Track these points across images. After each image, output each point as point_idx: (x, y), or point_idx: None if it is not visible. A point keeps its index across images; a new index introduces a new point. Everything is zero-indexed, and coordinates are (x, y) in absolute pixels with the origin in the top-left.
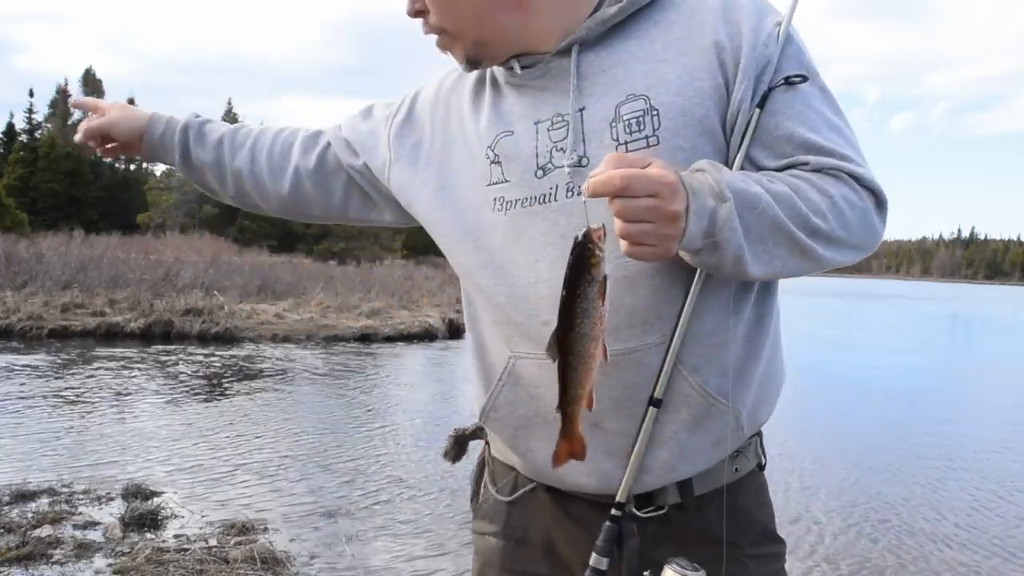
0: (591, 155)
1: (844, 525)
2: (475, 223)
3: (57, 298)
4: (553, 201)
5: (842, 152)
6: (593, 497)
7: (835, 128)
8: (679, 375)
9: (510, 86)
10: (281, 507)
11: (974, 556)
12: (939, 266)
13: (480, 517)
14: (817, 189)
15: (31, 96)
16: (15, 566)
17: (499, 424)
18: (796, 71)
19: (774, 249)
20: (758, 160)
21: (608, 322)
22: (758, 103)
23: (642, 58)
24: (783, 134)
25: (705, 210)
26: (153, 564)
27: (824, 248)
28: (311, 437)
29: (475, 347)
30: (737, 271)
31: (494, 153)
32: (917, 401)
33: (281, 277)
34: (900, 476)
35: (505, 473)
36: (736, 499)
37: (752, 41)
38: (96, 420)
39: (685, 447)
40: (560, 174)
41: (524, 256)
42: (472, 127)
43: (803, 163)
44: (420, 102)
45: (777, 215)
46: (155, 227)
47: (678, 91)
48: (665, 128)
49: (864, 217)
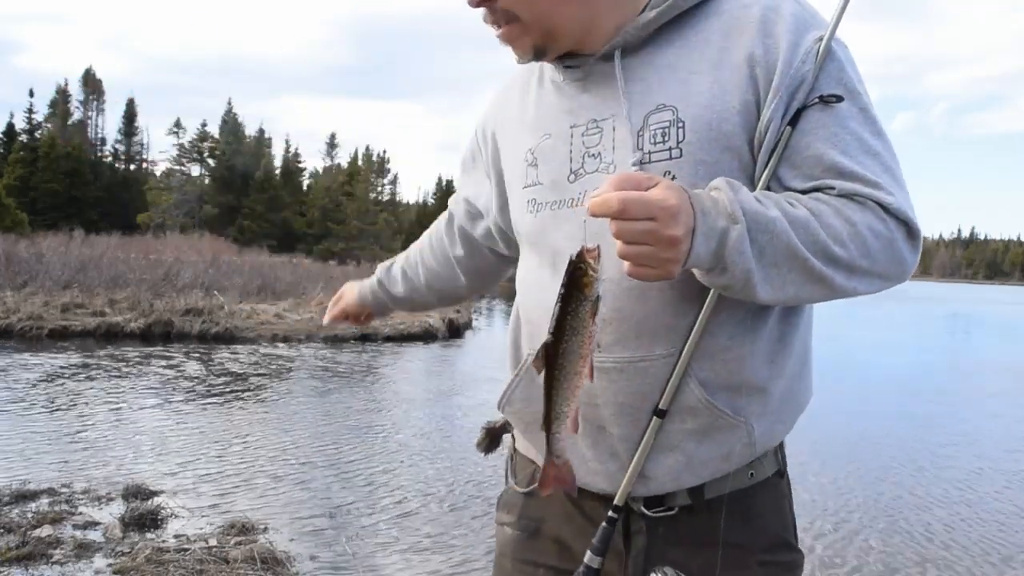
0: (618, 163)
1: (861, 526)
2: (518, 223)
3: (57, 298)
4: (580, 205)
5: (873, 179)
6: (604, 493)
7: (870, 152)
8: (687, 388)
9: (554, 85)
10: (281, 507)
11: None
12: (939, 266)
13: (501, 507)
14: (839, 215)
15: (31, 96)
16: (15, 566)
17: (514, 417)
18: (835, 90)
19: (788, 275)
20: (785, 180)
21: (616, 328)
22: (789, 120)
23: (678, 68)
24: (813, 155)
25: (715, 232)
26: (153, 564)
27: (844, 277)
28: (311, 437)
29: (512, 341)
30: (747, 294)
31: (533, 156)
32: (932, 399)
33: (281, 277)
34: (926, 474)
35: (525, 466)
36: (751, 504)
37: (789, 58)
38: (96, 420)
39: (692, 456)
40: (590, 179)
41: (546, 256)
42: (516, 128)
43: (829, 187)
44: (488, 124)
45: (792, 240)
46: (155, 227)
47: (707, 104)
48: (689, 141)
49: (890, 247)
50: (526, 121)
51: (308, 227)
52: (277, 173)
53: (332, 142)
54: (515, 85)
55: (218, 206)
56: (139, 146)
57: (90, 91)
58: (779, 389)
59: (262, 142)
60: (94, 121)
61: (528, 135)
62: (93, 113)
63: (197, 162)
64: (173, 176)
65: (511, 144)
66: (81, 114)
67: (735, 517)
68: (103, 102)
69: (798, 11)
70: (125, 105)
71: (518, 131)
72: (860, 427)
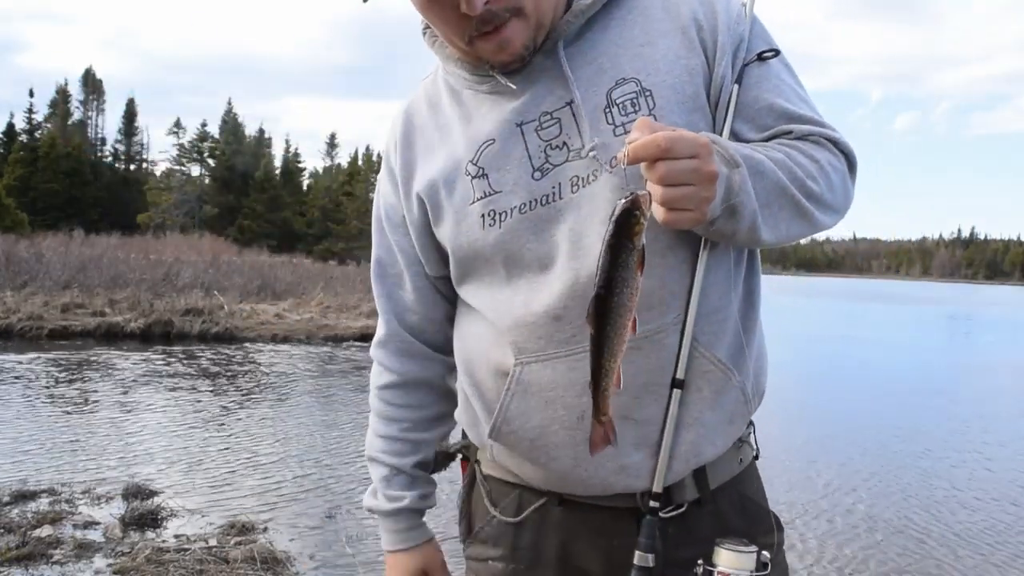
0: (589, 145)
1: (869, 527)
2: (472, 243)
3: (57, 298)
4: (558, 199)
5: (818, 119)
6: (610, 502)
7: (804, 98)
8: (696, 352)
9: (478, 95)
10: (281, 507)
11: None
12: (939, 266)
13: (481, 541)
14: (805, 155)
15: (31, 96)
16: (15, 566)
17: (514, 438)
18: (764, 47)
19: (779, 213)
20: (742, 133)
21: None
22: (735, 79)
23: (624, 45)
24: (763, 106)
25: (722, 177)
26: (153, 564)
27: (820, 211)
28: (311, 437)
29: (461, 368)
30: (751, 237)
31: (477, 167)
32: (939, 399)
33: (281, 277)
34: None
35: (506, 492)
36: (743, 490)
37: (726, 20)
38: (96, 420)
39: (708, 427)
40: (561, 171)
41: (535, 257)
42: (440, 152)
43: (787, 132)
44: (400, 170)
45: (780, 179)
46: (155, 227)
47: (667, 71)
48: (660, 107)
49: (844, 180)
50: (452, 140)
51: (308, 227)
52: (277, 173)
53: (332, 142)
54: (418, 114)
55: (218, 206)
56: (139, 146)
57: (90, 91)
58: (754, 343)
59: (262, 142)
60: (94, 121)
61: (461, 150)
62: (93, 113)
63: (197, 162)
64: (173, 176)
65: (434, 170)
66: (81, 114)
67: (734, 505)
68: (103, 102)
69: None
70: (125, 105)
71: (442, 153)
72: (861, 428)
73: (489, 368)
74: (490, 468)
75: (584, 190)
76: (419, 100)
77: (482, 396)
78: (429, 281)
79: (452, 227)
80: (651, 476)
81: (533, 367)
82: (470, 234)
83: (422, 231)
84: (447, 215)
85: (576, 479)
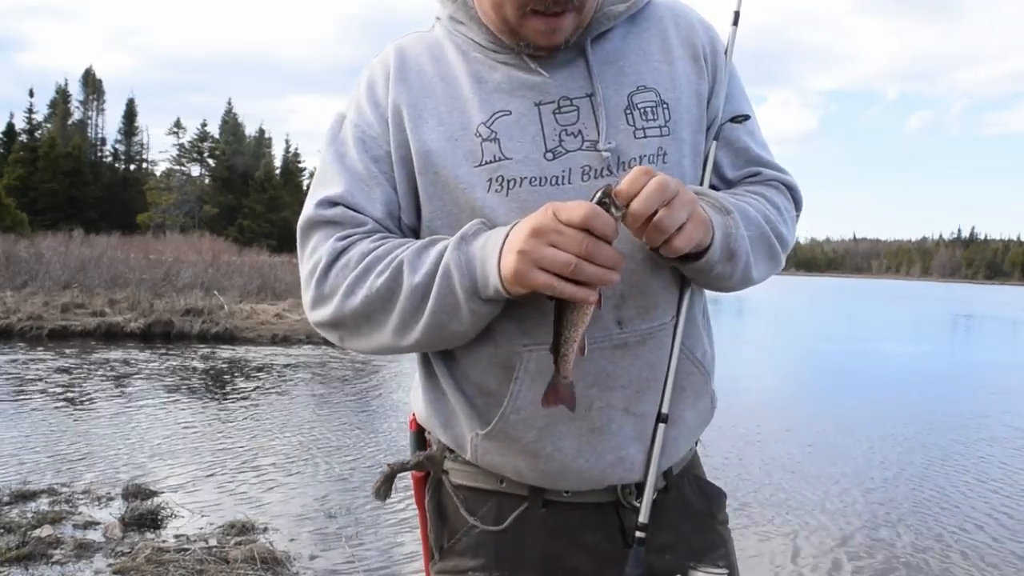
0: (603, 141)
1: (877, 521)
2: (475, 205)
3: (57, 298)
4: (567, 184)
5: (780, 166)
6: (594, 498)
7: (765, 146)
8: (683, 354)
9: (491, 62)
10: (281, 507)
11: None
12: (939, 266)
13: (458, 554)
14: (771, 201)
15: (31, 96)
16: (15, 566)
17: (522, 426)
18: (746, 109)
19: (759, 255)
20: (720, 162)
21: (635, 301)
22: (714, 135)
23: (644, 56)
24: (743, 147)
25: (718, 223)
26: (153, 564)
27: (783, 252)
28: (311, 437)
29: (444, 360)
30: (744, 278)
31: (490, 131)
32: (947, 396)
33: (281, 277)
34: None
35: (483, 500)
36: (698, 473)
37: (720, 54)
38: (96, 420)
39: (688, 426)
40: (573, 158)
41: None
42: (448, 104)
43: (755, 174)
44: (389, 102)
45: (761, 224)
46: (155, 227)
47: (682, 91)
48: (675, 122)
49: (794, 223)
50: (461, 95)
51: None
52: (277, 173)
53: None
54: (415, 57)
55: (218, 206)
56: (139, 146)
57: (90, 91)
58: (712, 350)
59: (262, 142)
60: (94, 121)
61: (473, 110)
62: (93, 113)
63: (197, 162)
64: (173, 176)
65: (442, 121)
66: (81, 114)
67: (693, 488)
68: (103, 102)
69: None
70: (125, 105)
71: (447, 105)
72: (864, 425)
73: (493, 356)
74: (461, 477)
75: (594, 183)
76: (415, 44)
77: (481, 386)
78: (398, 212)
79: (449, 181)
80: (642, 470)
81: (542, 354)
82: (470, 193)
83: (406, 175)
84: (446, 169)
85: (575, 470)
